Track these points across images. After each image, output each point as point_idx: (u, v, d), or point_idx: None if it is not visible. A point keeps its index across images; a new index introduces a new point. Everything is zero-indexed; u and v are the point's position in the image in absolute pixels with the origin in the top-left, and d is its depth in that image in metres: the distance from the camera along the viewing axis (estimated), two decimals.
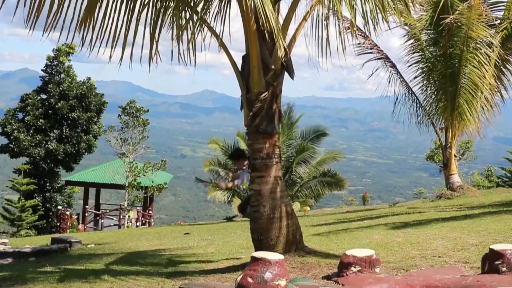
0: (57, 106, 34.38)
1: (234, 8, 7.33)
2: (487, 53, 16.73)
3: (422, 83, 18.82)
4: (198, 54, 7.25)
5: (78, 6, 6.56)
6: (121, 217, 28.65)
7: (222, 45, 7.18)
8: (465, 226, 9.08)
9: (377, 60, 18.74)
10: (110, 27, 6.81)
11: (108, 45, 6.82)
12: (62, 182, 35.20)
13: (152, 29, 6.99)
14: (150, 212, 32.58)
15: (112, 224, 29.60)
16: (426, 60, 18.59)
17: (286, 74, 7.09)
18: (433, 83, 18.66)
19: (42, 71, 36.40)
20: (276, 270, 4.71)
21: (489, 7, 17.67)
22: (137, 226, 29.23)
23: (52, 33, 6.54)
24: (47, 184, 34.30)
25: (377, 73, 18.64)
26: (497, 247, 5.14)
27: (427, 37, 18.57)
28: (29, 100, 34.71)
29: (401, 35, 18.75)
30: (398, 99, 19.12)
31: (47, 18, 6.43)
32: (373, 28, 6.73)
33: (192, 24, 7.06)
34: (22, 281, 6.94)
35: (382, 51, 18.74)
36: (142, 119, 29.37)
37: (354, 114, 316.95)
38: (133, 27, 6.90)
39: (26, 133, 33.94)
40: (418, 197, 28.11)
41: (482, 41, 16.82)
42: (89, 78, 36.41)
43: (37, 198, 32.49)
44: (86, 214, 30.96)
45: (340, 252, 6.34)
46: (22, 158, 34.77)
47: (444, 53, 17.79)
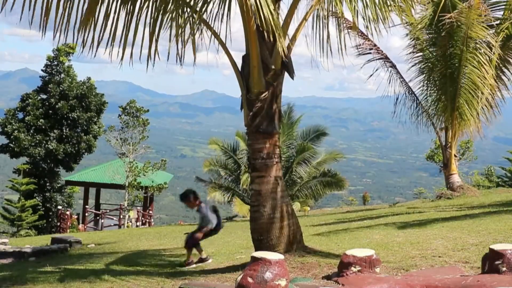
0: (57, 106, 34.36)
1: (234, 8, 7.34)
2: (487, 53, 16.72)
3: (423, 83, 18.83)
4: (198, 54, 7.25)
5: (80, 7, 6.57)
6: (121, 217, 28.65)
7: (222, 45, 7.17)
8: (465, 226, 9.08)
9: (377, 60, 18.76)
10: (111, 28, 6.81)
11: (109, 45, 6.82)
12: (62, 182, 35.18)
13: (152, 29, 6.99)
14: (150, 212, 32.57)
15: (112, 224, 29.60)
16: (426, 60, 18.58)
17: (286, 74, 7.09)
18: (433, 83, 18.66)
19: (42, 71, 36.38)
20: (276, 270, 4.71)
21: (489, 7, 17.67)
22: (137, 226, 29.22)
23: (53, 34, 6.55)
24: (47, 184, 34.28)
25: (377, 73, 18.67)
26: (497, 247, 5.14)
27: (427, 37, 18.57)
28: (29, 100, 34.69)
29: (402, 35, 18.76)
30: (399, 99, 19.14)
31: (43, 17, 6.43)
32: (374, 29, 6.74)
33: (192, 24, 7.06)
34: (22, 281, 6.94)
35: (382, 51, 18.75)
36: (142, 119, 29.38)
37: (354, 114, 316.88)
38: (133, 27, 6.90)
39: (26, 133, 33.92)
40: (418, 197, 28.12)
41: (482, 41, 16.82)
42: (89, 78, 36.39)
43: (37, 198, 32.47)
44: (86, 214, 30.96)
45: (340, 252, 6.34)
46: (22, 158, 34.74)
47: (444, 53, 17.78)
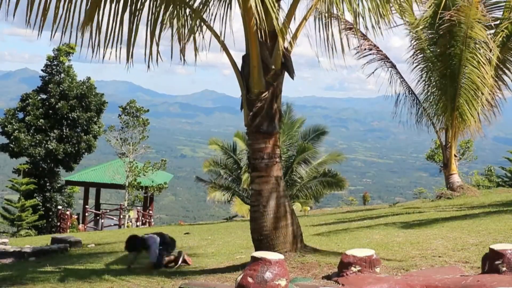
0: (57, 106, 34.34)
1: (234, 8, 7.34)
2: (487, 53, 16.71)
3: (424, 83, 18.82)
4: (198, 54, 7.25)
5: (78, 7, 6.57)
6: (121, 217, 28.64)
7: (222, 45, 7.17)
8: (465, 226, 9.08)
9: (377, 61, 18.75)
10: (112, 28, 6.81)
11: (109, 46, 6.82)
12: (62, 182, 35.15)
13: (152, 29, 6.99)
14: (150, 212, 32.56)
15: (112, 224, 29.58)
16: (427, 60, 18.57)
17: (286, 74, 7.08)
18: (434, 83, 18.65)
19: (42, 71, 36.35)
20: (276, 270, 4.71)
21: (489, 7, 17.67)
22: (137, 226, 29.21)
23: (51, 33, 6.55)
24: (47, 184, 34.25)
25: (378, 74, 18.66)
26: (497, 247, 5.14)
27: (428, 37, 18.56)
28: (29, 100, 34.66)
29: (402, 35, 18.79)
30: (399, 99, 19.14)
31: (41, 16, 6.43)
32: (373, 28, 6.74)
33: (192, 24, 7.05)
34: (22, 281, 6.94)
35: (382, 52, 18.74)
36: (142, 119, 29.37)
37: (354, 114, 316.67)
38: (133, 27, 6.90)
39: (26, 133, 33.89)
40: (418, 197, 28.12)
41: (482, 41, 16.81)
42: (89, 78, 36.36)
43: (37, 198, 32.43)
44: (86, 214, 30.94)
45: (341, 252, 6.34)
46: (22, 158, 34.70)
47: (444, 53, 17.78)
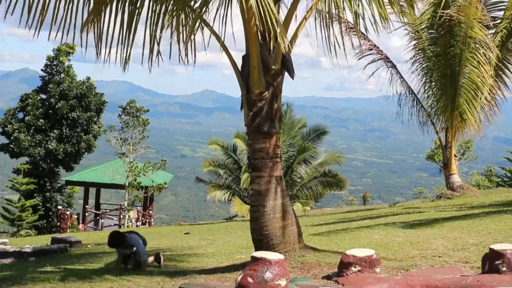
0: (57, 106, 34.34)
1: (234, 8, 7.33)
2: (487, 53, 16.71)
3: (425, 83, 18.82)
4: (198, 54, 7.25)
5: (77, 7, 6.58)
6: (121, 217, 28.64)
7: (222, 45, 7.17)
8: (465, 226, 9.08)
9: (377, 61, 18.75)
10: (113, 29, 6.82)
11: (108, 46, 6.83)
12: (62, 182, 35.15)
13: (153, 29, 6.98)
14: (150, 212, 32.57)
15: (112, 224, 29.56)
16: (427, 60, 18.57)
17: (286, 74, 7.08)
18: (434, 83, 18.65)
19: (42, 71, 36.36)
20: (276, 270, 4.71)
21: (490, 7, 17.67)
22: (137, 226, 29.21)
23: (55, 34, 6.56)
24: (47, 184, 34.25)
25: (378, 74, 18.67)
26: (497, 247, 5.14)
27: (428, 36, 18.55)
28: (29, 100, 34.67)
29: (402, 35, 18.75)
30: (400, 99, 19.13)
31: (37, 16, 6.44)
32: (374, 27, 6.74)
33: (192, 24, 7.05)
34: (22, 281, 6.94)
35: (382, 52, 18.74)
36: (142, 119, 29.37)
37: (354, 114, 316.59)
38: (133, 28, 6.90)
39: (26, 133, 33.89)
40: (418, 197, 28.13)
41: (482, 41, 16.81)
42: (89, 78, 36.38)
43: (37, 198, 32.44)
44: (86, 214, 30.94)
45: (341, 252, 6.34)
46: (22, 158, 34.70)
47: (444, 53, 17.78)
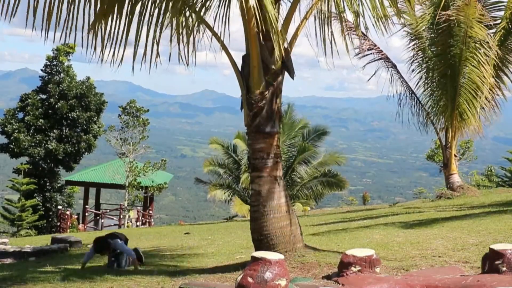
0: (57, 106, 34.35)
1: (234, 8, 7.33)
2: (487, 53, 16.70)
3: (425, 83, 18.81)
4: (198, 54, 7.25)
5: (85, 8, 6.60)
6: (121, 217, 28.65)
7: (222, 45, 7.16)
8: (465, 226, 9.08)
9: (378, 61, 18.74)
10: (114, 29, 6.82)
11: (108, 46, 6.83)
12: (62, 182, 35.16)
13: (154, 29, 6.98)
14: (150, 212, 32.58)
15: (112, 224, 29.58)
16: (427, 60, 18.56)
17: (286, 74, 7.08)
18: (434, 83, 18.64)
19: (42, 71, 36.37)
20: (276, 270, 4.71)
21: (489, 7, 17.66)
22: (137, 226, 29.24)
23: (55, 34, 6.55)
24: (47, 184, 34.25)
25: (378, 74, 18.65)
26: (497, 247, 5.14)
27: (428, 36, 18.54)
28: (29, 100, 34.67)
29: (402, 35, 18.74)
30: (400, 99, 19.12)
31: (44, 17, 6.43)
32: (375, 27, 6.74)
33: (192, 24, 7.05)
34: (22, 281, 6.94)
35: (382, 52, 18.73)
36: (142, 119, 29.39)
37: (354, 114, 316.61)
38: (133, 28, 6.91)
39: (26, 133, 33.89)
40: (418, 197, 28.13)
41: (481, 41, 16.81)
42: (89, 78, 36.38)
43: (37, 198, 32.44)
44: (86, 214, 30.96)
45: (341, 252, 6.34)
46: (22, 158, 34.71)
47: (444, 52, 17.77)
